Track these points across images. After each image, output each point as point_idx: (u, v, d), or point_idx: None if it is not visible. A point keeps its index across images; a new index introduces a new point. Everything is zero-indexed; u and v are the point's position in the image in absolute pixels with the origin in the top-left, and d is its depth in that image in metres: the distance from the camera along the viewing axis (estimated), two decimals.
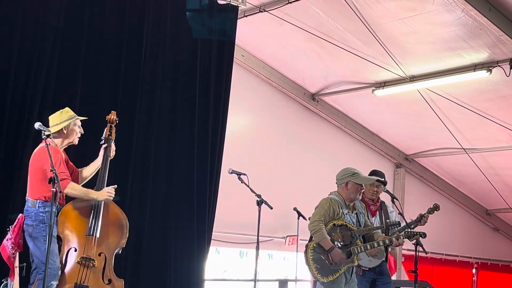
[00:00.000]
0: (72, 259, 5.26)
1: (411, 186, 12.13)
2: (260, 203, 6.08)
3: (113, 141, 5.79)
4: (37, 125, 5.07)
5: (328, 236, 5.80)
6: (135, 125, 6.80)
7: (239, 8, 7.89)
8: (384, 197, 6.77)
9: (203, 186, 7.31)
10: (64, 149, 5.48)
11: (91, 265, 5.27)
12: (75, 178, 5.58)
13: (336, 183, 6.15)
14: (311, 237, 5.94)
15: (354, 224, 6.02)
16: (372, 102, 10.33)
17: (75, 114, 5.48)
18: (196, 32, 7.48)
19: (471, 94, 9.33)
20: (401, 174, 11.96)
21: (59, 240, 5.27)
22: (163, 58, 7.21)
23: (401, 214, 6.42)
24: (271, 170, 9.77)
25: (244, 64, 9.60)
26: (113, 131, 5.83)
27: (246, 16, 8.41)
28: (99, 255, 5.36)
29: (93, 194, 5.38)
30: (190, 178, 7.23)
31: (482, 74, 8.56)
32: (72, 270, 5.23)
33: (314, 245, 5.85)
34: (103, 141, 5.77)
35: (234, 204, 8.39)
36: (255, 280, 6.01)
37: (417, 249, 6.20)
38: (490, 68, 8.46)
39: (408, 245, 10.00)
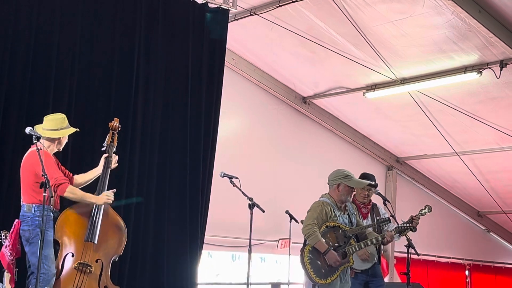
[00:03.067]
0: (69, 265, 5.24)
1: (402, 188, 12.15)
2: (252, 206, 6.08)
3: (115, 148, 5.76)
4: (28, 129, 4.97)
5: (322, 238, 5.81)
6: (128, 129, 6.77)
7: (230, 11, 7.90)
8: (376, 199, 6.78)
9: (195, 190, 7.30)
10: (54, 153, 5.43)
11: (88, 271, 5.25)
12: None
13: (328, 184, 6.14)
14: (305, 241, 5.94)
15: (346, 225, 6.02)
16: (363, 105, 10.35)
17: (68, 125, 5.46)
18: (187, 36, 7.48)
19: (462, 96, 9.37)
20: (392, 177, 11.99)
21: (57, 245, 5.25)
22: (155, 62, 7.20)
23: (393, 216, 6.44)
24: (263, 173, 9.78)
25: (235, 67, 9.60)
26: (115, 138, 5.81)
27: (237, 19, 8.41)
28: (96, 261, 5.33)
29: (92, 198, 5.35)
30: (182, 181, 7.22)
31: (473, 76, 8.59)
32: (68, 275, 5.20)
33: (310, 248, 5.84)
34: (104, 147, 5.74)
35: (226, 208, 8.37)
36: (247, 284, 6.02)
37: (409, 251, 6.21)
38: (481, 70, 8.49)
39: (400, 247, 10.05)
